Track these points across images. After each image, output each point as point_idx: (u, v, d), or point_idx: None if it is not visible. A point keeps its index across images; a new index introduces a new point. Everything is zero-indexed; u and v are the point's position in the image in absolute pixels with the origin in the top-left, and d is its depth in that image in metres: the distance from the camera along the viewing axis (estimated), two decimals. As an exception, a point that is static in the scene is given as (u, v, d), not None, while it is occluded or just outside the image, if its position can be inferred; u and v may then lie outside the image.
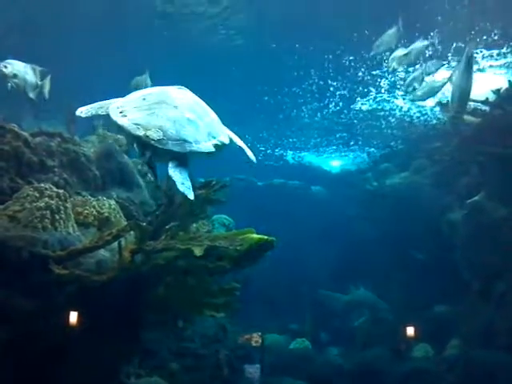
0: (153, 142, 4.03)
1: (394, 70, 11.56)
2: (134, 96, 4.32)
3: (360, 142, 18.23)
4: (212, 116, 4.78)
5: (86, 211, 5.36)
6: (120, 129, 4.25)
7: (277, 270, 13.86)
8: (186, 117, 4.32)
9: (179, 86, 4.60)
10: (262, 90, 15.07)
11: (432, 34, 11.13)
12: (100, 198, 5.88)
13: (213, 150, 4.46)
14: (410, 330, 10.57)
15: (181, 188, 4.13)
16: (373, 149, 18.25)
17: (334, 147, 19.31)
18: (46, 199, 4.75)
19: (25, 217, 4.60)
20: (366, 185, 15.56)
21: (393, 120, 15.99)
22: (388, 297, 13.38)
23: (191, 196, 4.09)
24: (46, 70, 7.62)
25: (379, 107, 15.33)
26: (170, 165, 4.17)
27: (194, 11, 11.76)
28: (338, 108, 15.98)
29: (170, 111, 4.19)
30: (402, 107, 15.24)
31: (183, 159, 4.24)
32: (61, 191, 4.95)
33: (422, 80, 10.44)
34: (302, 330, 13.30)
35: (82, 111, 4.56)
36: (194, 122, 4.35)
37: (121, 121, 4.09)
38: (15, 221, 4.59)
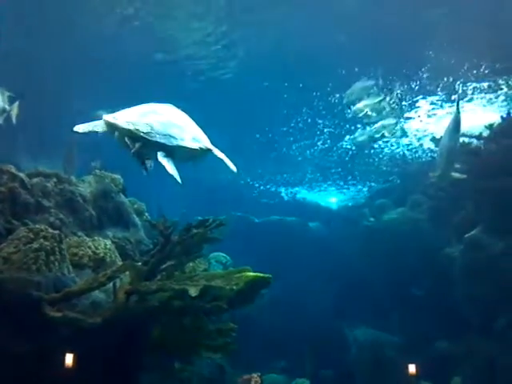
0: (142, 133, 4.70)
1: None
2: (126, 110, 4.88)
3: (356, 178, 18.32)
4: (196, 127, 5.45)
5: (81, 252, 5.34)
6: (113, 127, 4.83)
7: (275, 308, 13.73)
8: (172, 122, 5.04)
9: (167, 104, 5.20)
10: (253, 127, 15.28)
11: (420, 71, 11.38)
12: (96, 238, 5.86)
13: (197, 147, 5.18)
14: (412, 368, 10.39)
15: (171, 171, 4.84)
16: (369, 184, 18.34)
17: (330, 183, 19.39)
18: (41, 240, 4.73)
19: (19, 258, 4.57)
20: (363, 220, 15.57)
21: (386, 156, 16.12)
22: (388, 334, 13.21)
23: (179, 180, 4.82)
24: (14, 96, 7.60)
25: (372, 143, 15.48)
26: (160, 154, 4.84)
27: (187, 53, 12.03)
28: (326, 145, 16.15)
29: (159, 116, 4.89)
30: (396, 143, 15.38)
31: (170, 154, 4.88)
32: (56, 232, 4.93)
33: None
34: (302, 369, 13.07)
35: (80, 128, 5.07)
36: (179, 126, 5.09)
37: (113, 120, 4.73)
38: (9, 262, 4.55)
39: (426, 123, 13.83)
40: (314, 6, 10.18)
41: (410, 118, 13.66)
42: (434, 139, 12.60)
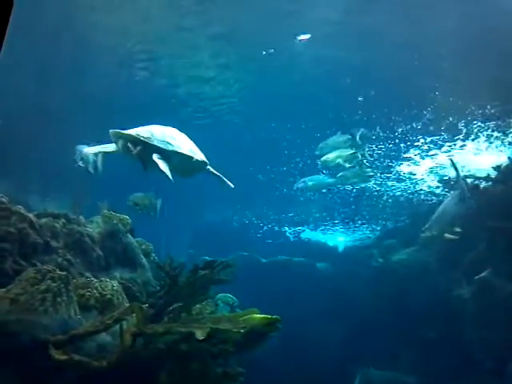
0: (142, 137, 5.60)
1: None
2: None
3: (363, 219, 18.29)
4: (195, 145, 6.29)
5: (88, 293, 5.31)
6: (117, 136, 5.72)
7: (283, 351, 13.50)
8: (171, 134, 5.95)
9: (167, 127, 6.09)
10: (256, 166, 15.47)
11: (425, 111, 11.51)
12: (103, 279, 5.84)
13: (192, 156, 6.00)
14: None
15: (163, 168, 5.61)
16: (377, 225, 18.28)
17: (336, 222, 19.38)
18: (49, 282, 4.72)
19: (26, 300, 4.56)
20: (371, 261, 15.47)
21: (394, 197, 16.14)
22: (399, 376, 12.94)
23: (171, 177, 5.62)
24: None
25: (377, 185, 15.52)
26: (155, 155, 5.66)
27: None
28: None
29: (160, 128, 5.89)
30: (407, 183, 15.41)
31: (166, 158, 5.71)
32: (63, 273, 4.93)
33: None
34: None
35: (89, 150, 6.22)
36: (177, 138, 5.96)
37: (119, 132, 5.64)
38: (16, 304, 4.54)
39: (433, 164, 13.89)
40: (315, 51, 10.47)
41: (408, 159, 13.75)
42: (441, 180, 12.63)
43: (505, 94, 10.72)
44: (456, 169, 10.42)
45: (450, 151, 12.88)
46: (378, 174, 14.21)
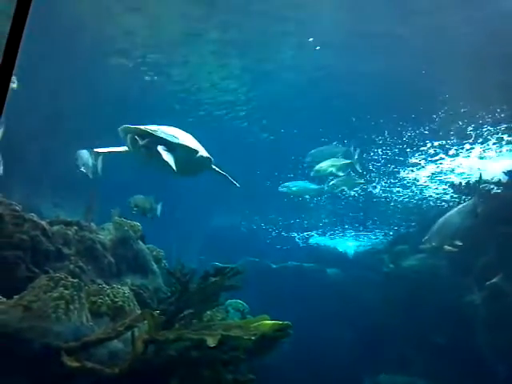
0: (149, 131, 6.03)
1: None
2: None
3: (374, 224, 18.25)
4: (199, 144, 6.72)
5: (99, 300, 5.35)
6: (126, 131, 6.15)
7: (294, 356, 13.47)
8: (177, 131, 6.40)
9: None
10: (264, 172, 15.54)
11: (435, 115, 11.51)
12: (114, 286, 5.88)
13: (196, 150, 6.41)
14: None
15: (166, 159, 5.94)
16: (388, 230, 18.23)
17: (346, 227, 19.36)
18: (61, 289, 4.77)
19: (39, 307, 4.60)
20: (382, 267, 15.42)
21: (404, 202, 16.10)
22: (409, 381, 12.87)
23: (174, 166, 5.92)
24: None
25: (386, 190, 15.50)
26: (160, 147, 6.02)
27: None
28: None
29: (165, 127, 6.31)
30: (415, 188, 15.36)
31: (171, 150, 6.07)
32: (75, 281, 4.98)
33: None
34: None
35: (100, 150, 6.90)
36: (183, 136, 6.42)
37: (128, 127, 6.13)
38: (29, 311, 4.58)
39: (443, 168, 13.85)
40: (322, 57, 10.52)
41: (418, 165, 13.72)
42: (452, 186, 12.59)
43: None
44: (479, 182, 10.47)
45: (457, 155, 12.87)
46: (384, 180, 14.19)
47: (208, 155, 6.72)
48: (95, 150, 7.32)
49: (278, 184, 16.25)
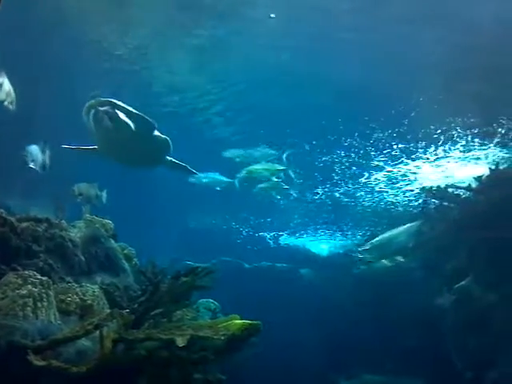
0: (109, 101, 6.57)
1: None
2: None
3: (346, 225, 18.42)
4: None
5: (68, 299, 5.30)
6: (90, 107, 6.59)
7: (265, 357, 13.50)
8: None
9: None
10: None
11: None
12: (84, 284, 5.83)
13: (154, 124, 6.79)
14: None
15: (122, 117, 6.32)
16: (359, 231, 18.43)
17: (318, 227, 19.51)
18: (29, 286, 4.70)
19: (6, 305, 4.53)
20: (353, 268, 15.55)
21: (376, 204, 16.28)
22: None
23: (132, 126, 6.37)
24: None
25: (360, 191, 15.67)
26: (119, 112, 6.54)
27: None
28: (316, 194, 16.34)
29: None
30: (387, 191, 15.55)
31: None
32: (44, 278, 4.91)
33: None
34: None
35: (68, 147, 7.59)
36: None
37: (90, 103, 6.66)
38: (-4, 309, 4.51)
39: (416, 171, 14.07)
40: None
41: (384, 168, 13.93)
42: (423, 189, 12.78)
43: (486, 106, 10.94)
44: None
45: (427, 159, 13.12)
46: (353, 183, 14.41)
47: (166, 137, 6.80)
48: (64, 146, 7.30)
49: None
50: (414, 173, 13.99)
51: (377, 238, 11.54)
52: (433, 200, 12.58)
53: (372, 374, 13.31)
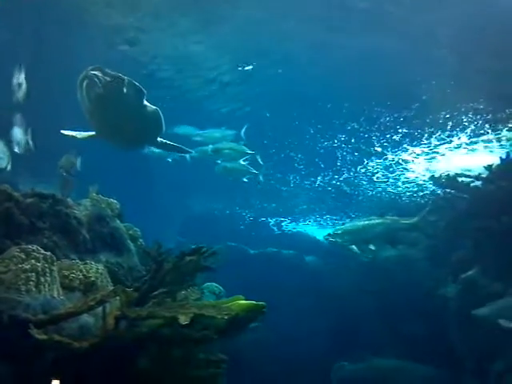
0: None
1: None
2: None
3: (353, 213, 18.34)
4: None
5: (72, 275, 5.26)
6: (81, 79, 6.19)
7: (269, 343, 13.53)
8: None
9: None
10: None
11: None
12: (88, 261, 5.79)
13: (143, 92, 6.30)
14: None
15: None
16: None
17: (325, 214, 19.43)
18: (32, 261, 4.67)
19: (9, 278, 4.50)
20: (360, 256, 15.49)
21: (385, 193, 16.17)
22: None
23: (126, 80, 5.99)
24: None
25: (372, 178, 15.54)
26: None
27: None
28: (324, 179, 16.22)
29: None
30: (395, 179, 15.44)
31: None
32: (48, 253, 4.88)
33: None
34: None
35: (66, 132, 7.15)
36: None
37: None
38: (-1, 282, 4.48)
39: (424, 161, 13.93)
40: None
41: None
42: (432, 178, 12.67)
43: (498, 90, 10.75)
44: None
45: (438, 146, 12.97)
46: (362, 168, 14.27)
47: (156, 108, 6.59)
48: (63, 131, 7.21)
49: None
50: (429, 158, 13.82)
51: (350, 224, 11.76)
52: (442, 189, 12.48)
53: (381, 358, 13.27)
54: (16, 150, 7.95)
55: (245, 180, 13.71)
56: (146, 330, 4.64)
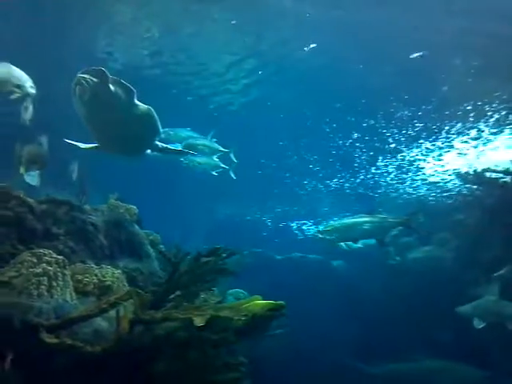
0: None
1: None
2: None
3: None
4: None
5: (86, 279, 5.17)
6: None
7: (296, 347, 13.32)
8: None
9: None
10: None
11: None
12: (103, 266, 5.69)
13: (134, 91, 5.90)
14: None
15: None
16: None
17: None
18: (44, 265, 4.58)
19: (20, 283, 4.42)
20: (387, 259, 15.25)
21: (413, 192, 15.87)
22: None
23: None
24: None
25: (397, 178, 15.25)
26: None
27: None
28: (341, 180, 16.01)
29: None
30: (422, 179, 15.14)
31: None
32: (60, 257, 4.79)
33: None
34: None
35: (69, 141, 6.70)
36: None
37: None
38: (10, 287, 4.40)
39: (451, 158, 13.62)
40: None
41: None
42: (458, 174, 12.38)
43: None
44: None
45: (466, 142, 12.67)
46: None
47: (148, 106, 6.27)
48: (68, 141, 6.94)
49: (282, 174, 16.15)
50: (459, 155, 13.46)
51: (339, 221, 11.84)
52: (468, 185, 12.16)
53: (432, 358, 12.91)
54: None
55: (214, 173, 13.82)
56: (162, 332, 4.50)
